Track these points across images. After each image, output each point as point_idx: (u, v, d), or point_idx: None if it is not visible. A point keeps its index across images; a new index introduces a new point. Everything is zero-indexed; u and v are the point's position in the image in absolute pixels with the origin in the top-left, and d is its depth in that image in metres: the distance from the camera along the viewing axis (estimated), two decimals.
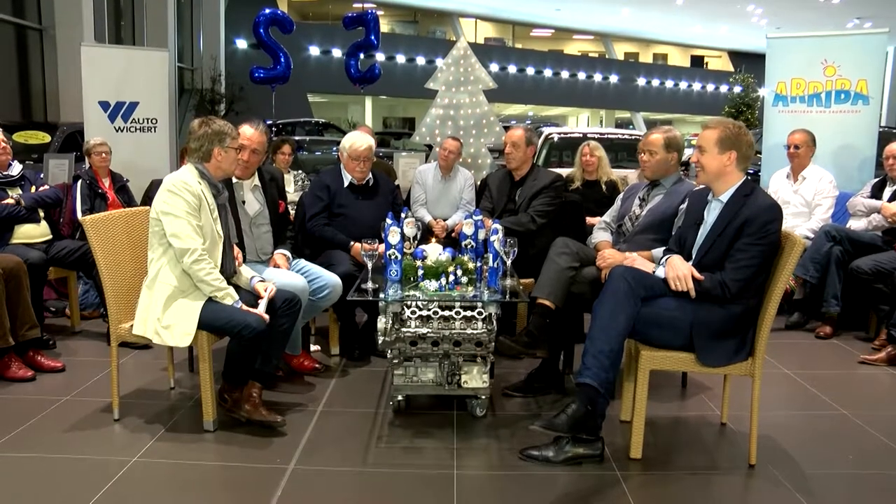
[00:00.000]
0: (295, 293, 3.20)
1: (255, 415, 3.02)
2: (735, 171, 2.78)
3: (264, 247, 3.60)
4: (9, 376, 3.54)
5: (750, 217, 2.66)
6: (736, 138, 2.76)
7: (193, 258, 2.88)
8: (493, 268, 3.12)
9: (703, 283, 2.67)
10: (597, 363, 2.60)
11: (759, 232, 2.64)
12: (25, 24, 11.08)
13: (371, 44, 11.85)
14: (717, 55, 35.38)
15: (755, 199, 2.72)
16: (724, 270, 2.67)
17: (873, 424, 3.15)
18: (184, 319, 2.92)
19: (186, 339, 2.93)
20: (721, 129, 2.78)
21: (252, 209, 3.58)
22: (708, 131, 2.82)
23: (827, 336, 4.50)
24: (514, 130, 4.34)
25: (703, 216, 2.88)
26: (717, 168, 2.78)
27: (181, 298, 2.94)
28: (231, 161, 3.11)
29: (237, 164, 3.23)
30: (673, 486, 2.62)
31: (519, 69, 28.46)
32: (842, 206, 4.97)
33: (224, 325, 2.93)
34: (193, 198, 2.92)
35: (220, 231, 3.05)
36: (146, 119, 6.73)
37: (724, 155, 2.76)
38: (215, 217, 3.04)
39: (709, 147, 2.79)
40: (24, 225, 4.12)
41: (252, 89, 15.70)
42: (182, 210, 2.89)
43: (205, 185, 3.02)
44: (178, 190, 2.90)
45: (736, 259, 2.66)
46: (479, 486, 2.64)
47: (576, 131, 11.52)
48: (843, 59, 5.76)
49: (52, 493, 2.52)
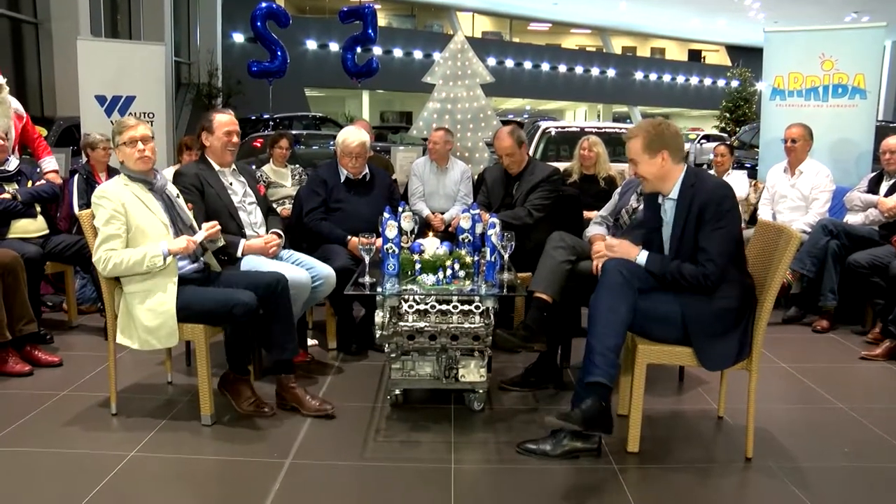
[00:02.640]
0: (275, 278, 3.17)
1: (307, 406, 3.12)
2: (673, 167, 2.77)
3: (258, 221, 3.65)
4: (6, 371, 3.54)
5: (704, 202, 2.66)
6: (660, 137, 2.75)
7: (102, 265, 2.91)
8: (491, 262, 3.11)
9: (685, 274, 2.67)
10: (605, 360, 2.59)
11: (716, 215, 2.64)
12: (21, 18, 11.04)
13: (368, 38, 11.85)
14: (715, 49, 35.36)
15: (702, 184, 2.73)
16: (701, 263, 2.66)
17: (869, 418, 3.17)
18: (163, 319, 2.92)
19: (173, 339, 2.95)
20: (642, 135, 2.77)
21: (238, 190, 3.63)
22: (631, 142, 2.80)
23: (823, 330, 4.51)
24: (501, 140, 4.16)
25: (661, 218, 2.88)
26: (657, 172, 2.77)
27: (150, 299, 2.94)
28: (129, 155, 3.06)
29: (137, 156, 3.10)
30: (670, 479, 2.63)
31: (516, 63, 28.42)
32: (839, 200, 4.98)
33: (214, 307, 2.93)
34: (113, 203, 2.94)
35: (165, 221, 3.05)
36: (143, 113, 6.71)
37: (656, 158, 2.75)
38: (155, 209, 3.06)
39: (638, 157, 2.78)
40: (21, 220, 4.10)
41: (249, 83, 15.71)
42: (100, 221, 2.94)
43: (136, 185, 3.05)
44: (97, 200, 2.97)
45: (706, 251, 2.66)
46: (476, 479, 2.65)
47: (573, 125, 11.51)
48: (841, 53, 5.76)
49: (50, 487, 2.52)
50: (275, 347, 3.16)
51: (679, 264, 2.71)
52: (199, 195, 3.43)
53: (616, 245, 2.87)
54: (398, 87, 24.97)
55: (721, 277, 2.66)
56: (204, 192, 3.46)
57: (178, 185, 3.33)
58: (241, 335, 3.02)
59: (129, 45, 8.63)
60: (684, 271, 2.68)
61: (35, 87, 11.20)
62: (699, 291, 2.68)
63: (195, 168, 3.51)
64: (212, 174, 3.53)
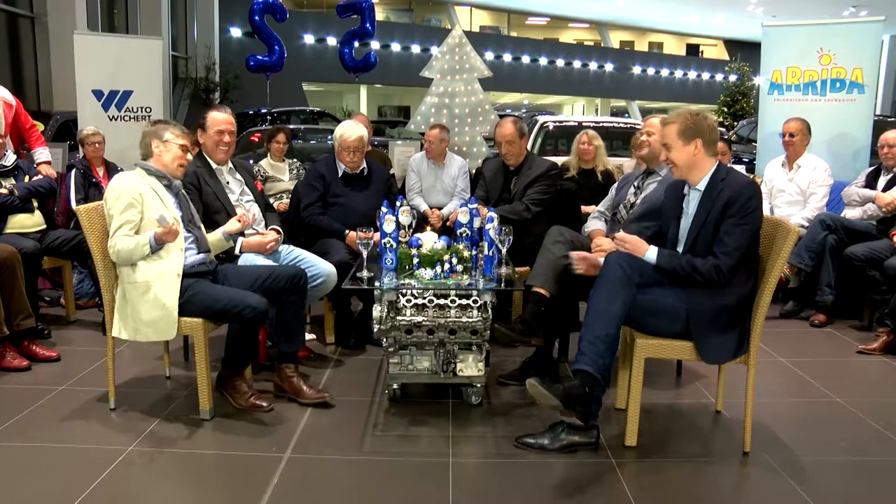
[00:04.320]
0: (298, 272, 3.25)
1: (305, 395, 3.15)
2: (705, 158, 2.78)
3: (256, 218, 3.64)
4: (3, 366, 3.54)
5: (731, 197, 2.67)
6: (697, 126, 2.77)
7: (112, 252, 2.94)
8: (489, 256, 3.11)
9: (698, 268, 2.67)
10: (593, 349, 2.61)
11: (741, 211, 2.65)
12: (17, 12, 10.99)
13: (366, 32, 11.80)
14: (713, 44, 35.30)
15: (732, 180, 2.74)
16: (714, 256, 2.67)
17: (866, 412, 3.18)
18: (164, 311, 2.92)
19: (171, 333, 2.95)
20: (680, 121, 2.79)
21: (236, 188, 3.64)
22: (668, 127, 2.82)
23: (821, 324, 4.52)
24: (503, 127, 4.19)
25: (682, 208, 2.88)
26: (687, 159, 2.78)
27: (153, 291, 2.94)
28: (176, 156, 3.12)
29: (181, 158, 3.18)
30: (668, 473, 2.63)
31: (514, 57, 28.36)
32: (836, 194, 4.97)
33: (223, 307, 2.93)
34: (132, 192, 2.97)
35: (176, 216, 3.07)
36: (140, 108, 6.69)
37: (689, 145, 2.77)
38: (168, 204, 3.09)
39: (672, 141, 2.80)
40: (18, 215, 4.09)
41: (246, 78, 15.67)
42: (118, 209, 2.95)
43: (153, 179, 3.09)
44: (117, 189, 2.99)
45: (724, 243, 2.66)
46: (474, 473, 2.65)
47: (571, 120, 11.50)
48: (839, 48, 5.75)
49: (49, 482, 2.52)
50: (285, 339, 3.24)
51: (690, 258, 2.71)
52: (197, 193, 3.44)
53: (628, 240, 2.84)
54: (396, 81, 24.92)
55: (733, 272, 2.66)
56: (202, 191, 3.47)
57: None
58: (246, 336, 3.02)
59: (126, 40, 8.59)
60: (696, 264, 2.68)
61: (32, 82, 11.16)
62: (710, 285, 2.68)
63: (193, 166, 3.50)
64: (209, 172, 3.54)
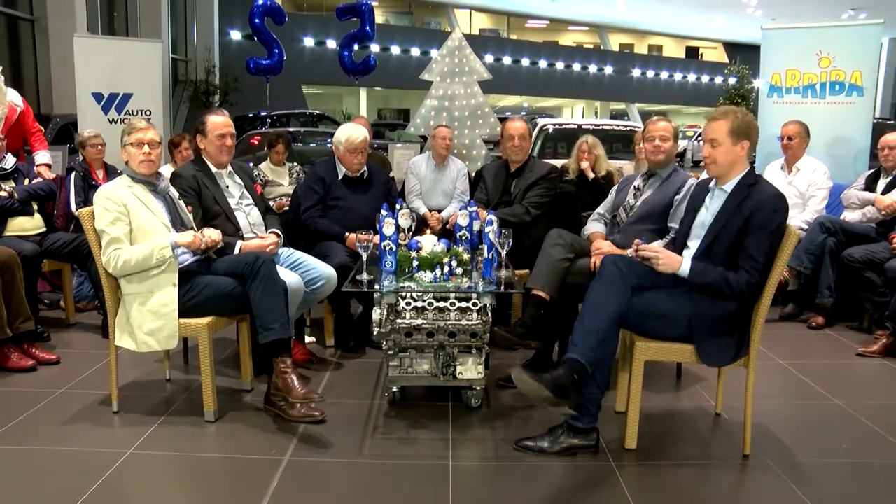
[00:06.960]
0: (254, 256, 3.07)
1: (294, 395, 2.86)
2: (744, 161, 2.71)
3: (256, 222, 3.63)
4: (9, 367, 3.55)
5: (759, 205, 2.58)
6: (748, 127, 2.67)
7: (112, 265, 2.93)
8: (488, 259, 3.12)
9: (731, 283, 2.59)
10: (583, 341, 2.55)
11: (769, 221, 2.56)
12: (17, 15, 10.99)
13: (366, 35, 11.81)
14: (713, 46, 35.36)
15: (760, 189, 2.64)
16: (745, 271, 2.59)
17: (866, 414, 3.18)
18: (164, 321, 2.93)
19: (172, 342, 2.96)
20: (732, 117, 2.67)
21: (235, 192, 3.62)
22: (718, 122, 2.69)
23: (820, 327, 4.52)
24: (515, 122, 4.28)
25: (703, 201, 2.83)
26: (731, 160, 2.68)
27: (151, 301, 2.94)
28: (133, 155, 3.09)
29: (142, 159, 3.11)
30: (668, 476, 2.63)
31: (514, 60, 28.41)
32: (836, 197, 4.98)
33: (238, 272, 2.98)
34: (117, 204, 2.97)
35: (166, 222, 3.07)
36: (140, 111, 6.70)
37: (737, 146, 2.67)
38: (156, 210, 3.08)
39: (721, 138, 2.67)
40: (18, 217, 4.10)
41: (246, 80, 15.68)
42: (104, 223, 2.95)
43: (139, 186, 3.08)
44: (100, 201, 2.99)
45: (755, 259, 2.57)
46: (474, 476, 2.65)
47: (571, 122, 11.51)
48: (838, 51, 5.77)
49: (50, 484, 2.52)
50: (262, 328, 2.97)
51: (724, 272, 2.61)
52: (196, 197, 3.42)
53: (662, 256, 2.68)
54: (396, 84, 24.97)
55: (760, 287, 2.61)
56: (201, 195, 3.46)
57: (176, 187, 3.33)
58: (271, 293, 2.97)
59: (126, 43, 8.62)
60: (730, 279, 2.59)
61: (32, 85, 11.16)
62: (733, 298, 2.61)
63: (192, 170, 3.50)
64: (209, 176, 3.52)
